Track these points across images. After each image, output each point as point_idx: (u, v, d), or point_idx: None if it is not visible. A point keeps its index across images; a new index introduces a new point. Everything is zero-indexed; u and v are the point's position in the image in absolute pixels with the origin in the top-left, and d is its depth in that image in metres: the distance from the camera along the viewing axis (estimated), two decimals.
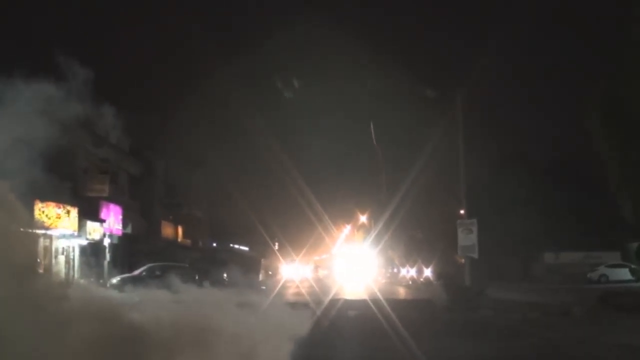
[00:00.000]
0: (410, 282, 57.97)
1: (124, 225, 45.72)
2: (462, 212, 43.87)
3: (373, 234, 64.13)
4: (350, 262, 69.66)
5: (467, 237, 37.68)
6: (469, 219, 38.18)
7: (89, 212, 39.30)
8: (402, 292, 45.85)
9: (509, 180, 50.57)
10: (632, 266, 47.31)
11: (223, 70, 48.67)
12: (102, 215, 41.67)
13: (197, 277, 33.25)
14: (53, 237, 34.70)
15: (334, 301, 27.62)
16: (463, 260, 42.27)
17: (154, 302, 11.87)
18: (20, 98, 11.11)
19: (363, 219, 77.65)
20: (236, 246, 76.30)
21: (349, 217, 79.40)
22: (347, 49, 51.43)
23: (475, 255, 37.51)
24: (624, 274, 48.67)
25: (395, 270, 72.12)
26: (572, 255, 54.89)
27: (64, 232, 35.54)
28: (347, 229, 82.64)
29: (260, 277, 58.66)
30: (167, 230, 57.76)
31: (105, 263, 41.15)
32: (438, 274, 48.38)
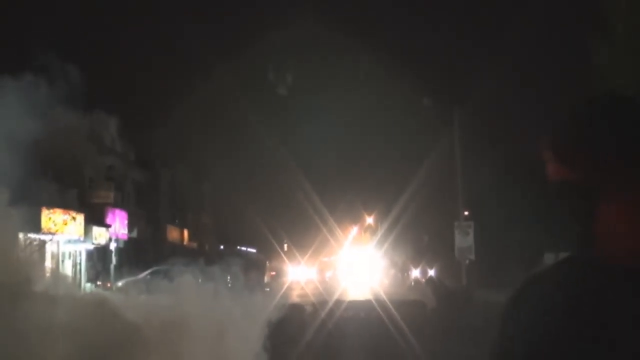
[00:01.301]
0: (413, 284, 58.59)
1: (130, 230, 46.72)
2: (466, 213, 44.62)
3: (379, 236, 64.75)
4: (355, 264, 70.16)
5: (464, 239, 38.58)
6: (466, 222, 39.09)
7: (95, 217, 40.31)
8: (403, 293, 46.52)
9: (514, 186, 51.02)
10: None
11: (228, 79, 49.66)
12: (108, 220, 42.67)
13: (199, 280, 34.09)
14: (60, 242, 35.73)
15: (338, 302, 28.55)
16: (467, 262, 42.99)
17: (148, 304, 12.87)
18: (25, 107, 11.81)
19: (369, 220, 78.01)
20: (243, 249, 76.94)
21: (356, 218, 79.68)
22: (353, 55, 52.35)
23: (472, 257, 38.37)
24: None
25: (399, 271, 72.68)
26: None
27: (70, 237, 36.54)
28: (353, 230, 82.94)
29: (266, 279, 59.39)
30: (172, 234, 58.66)
31: (112, 267, 42.15)
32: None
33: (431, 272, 57.61)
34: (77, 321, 10.73)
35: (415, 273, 62.34)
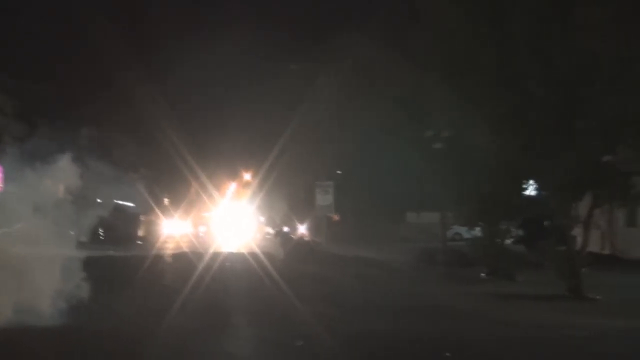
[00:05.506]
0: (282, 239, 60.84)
1: (5, 183, 47.54)
2: (338, 172, 46.90)
3: (254, 192, 66.39)
4: (231, 219, 71.81)
5: (325, 198, 41.16)
6: (327, 181, 41.65)
7: None
8: (269, 247, 48.78)
9: (381, 147, 53.27)
10: (482, 224, 51.29)
11: (101, 24, 49.81)
12: None
13: (72, 233, 35.48)
14: None
15: (215, 254, 31.02)
16: (336, 218, 45.47)
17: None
18: None
19: (247, 176, 79.30)
20: (120, 202, 77.22)
21: (232, 173, 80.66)
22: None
23: (332, 214, 41.08)
24: (476, 231, 52.58)
25: (272, 227, 74.70)
26: (431, 215, 58.61)
27: None
28: (231, 185, 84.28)
29: (140, 232, 60.53)
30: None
31: None
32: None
33: (301, 228, 59.94)
34: None
35: (286, 229, 64.58)
